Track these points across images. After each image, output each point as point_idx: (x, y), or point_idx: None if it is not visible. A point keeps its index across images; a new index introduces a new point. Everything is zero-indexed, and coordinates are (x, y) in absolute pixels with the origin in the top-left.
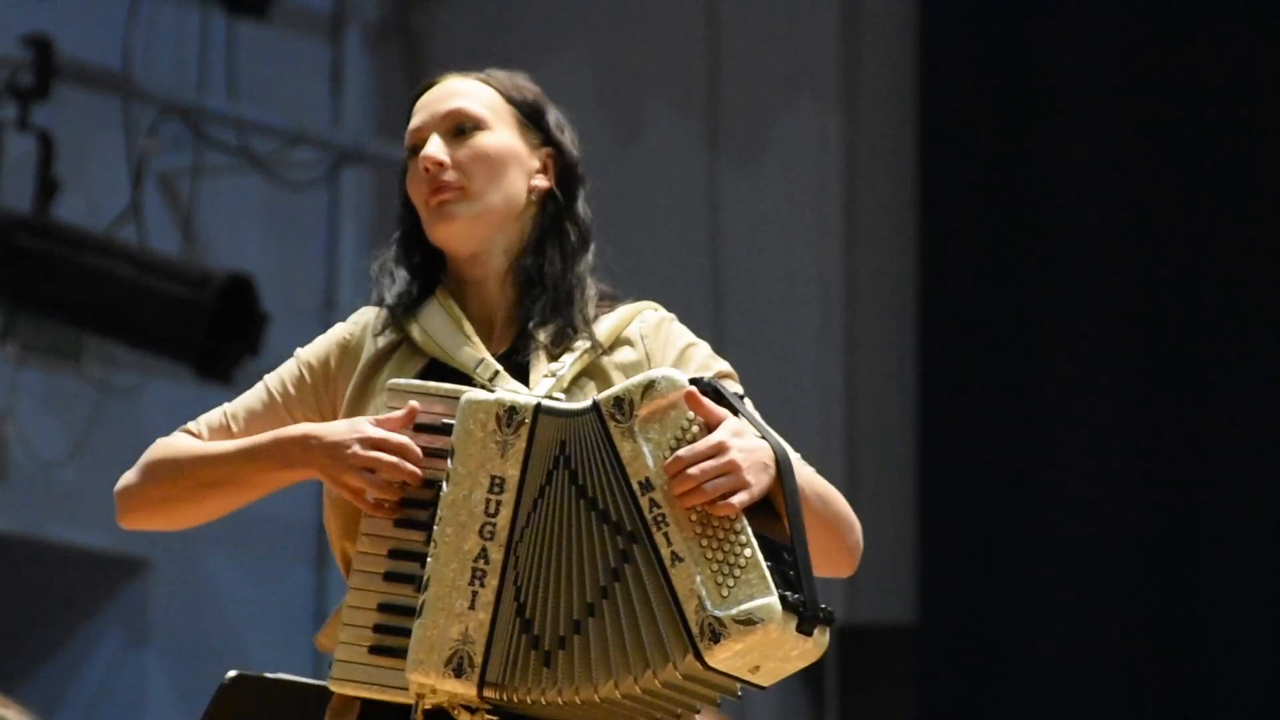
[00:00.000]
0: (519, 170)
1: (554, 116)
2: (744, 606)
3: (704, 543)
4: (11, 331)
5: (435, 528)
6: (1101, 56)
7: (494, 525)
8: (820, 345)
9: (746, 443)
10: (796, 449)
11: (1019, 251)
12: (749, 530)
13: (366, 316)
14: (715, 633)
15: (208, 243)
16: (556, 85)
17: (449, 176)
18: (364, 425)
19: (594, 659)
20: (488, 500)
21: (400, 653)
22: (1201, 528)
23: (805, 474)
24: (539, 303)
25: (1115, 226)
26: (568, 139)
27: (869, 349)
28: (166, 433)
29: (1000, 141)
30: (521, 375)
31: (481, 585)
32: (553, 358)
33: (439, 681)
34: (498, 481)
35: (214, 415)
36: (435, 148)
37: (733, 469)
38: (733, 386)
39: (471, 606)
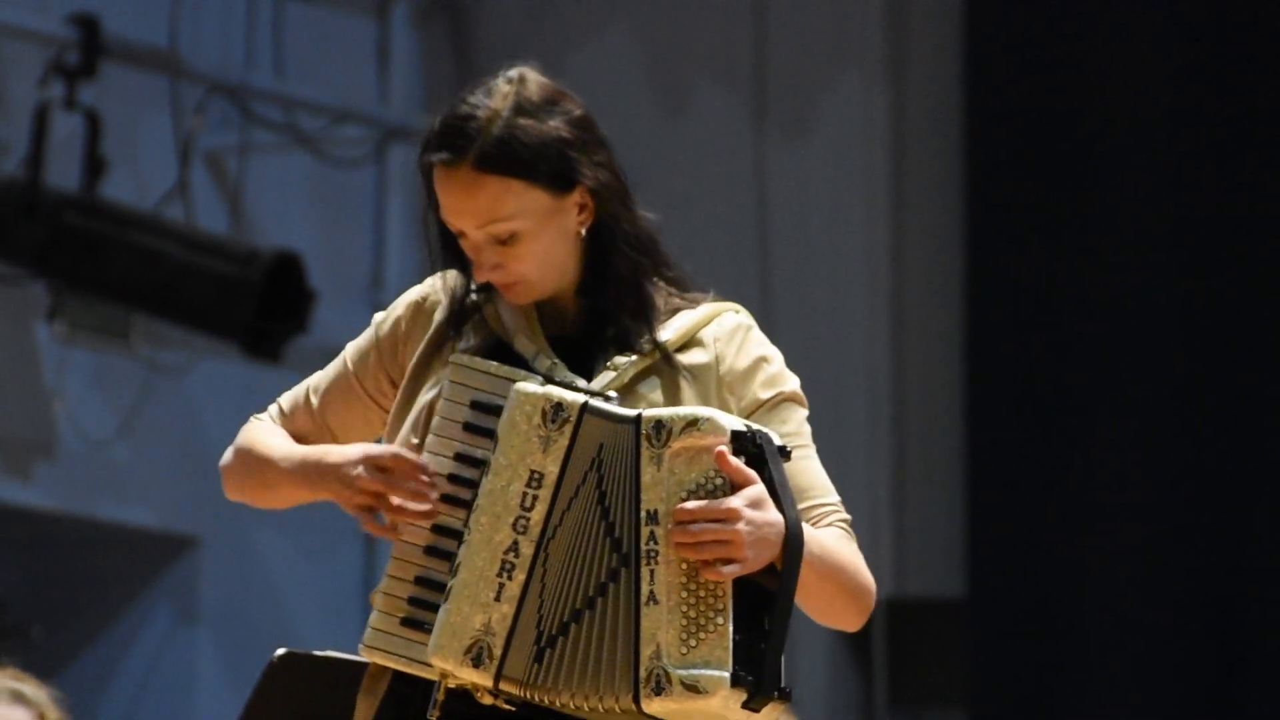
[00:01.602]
0: (564, 236)
1: (578, 151)
2: (695, 671)
3: (684, 594)
4: (60, 311)
5: (471, 515)
6: (1151, 30)
7: (528, 520)
8: (868, 320)
9: (760, 515)
10: (844, 427)
11: (1067, 226)
12: (730, 599)
13: (445, 279)
14: (659, 685)
15: (255, 221)
16: (603, 61)
17: (508, 279)
18: (373, 448)
19: (564, 667)
20: (524, 494)
21: (429, 628)
22: (1255, 499)
23: (826, 542)
24: (606, 309)
25: (1167, 201)
26: (595, 166)
27: (916, 323)
28: (215, 411)
29: (1048, 115)
30: (584, 367)
31: (509, 578)
32: (619, 352)
33: (457, 669)
34: (536, 476)
35: (299, 390)
36: (487, 270)
37: (734, 539)
38: (796, 414)
39: (497, 598)
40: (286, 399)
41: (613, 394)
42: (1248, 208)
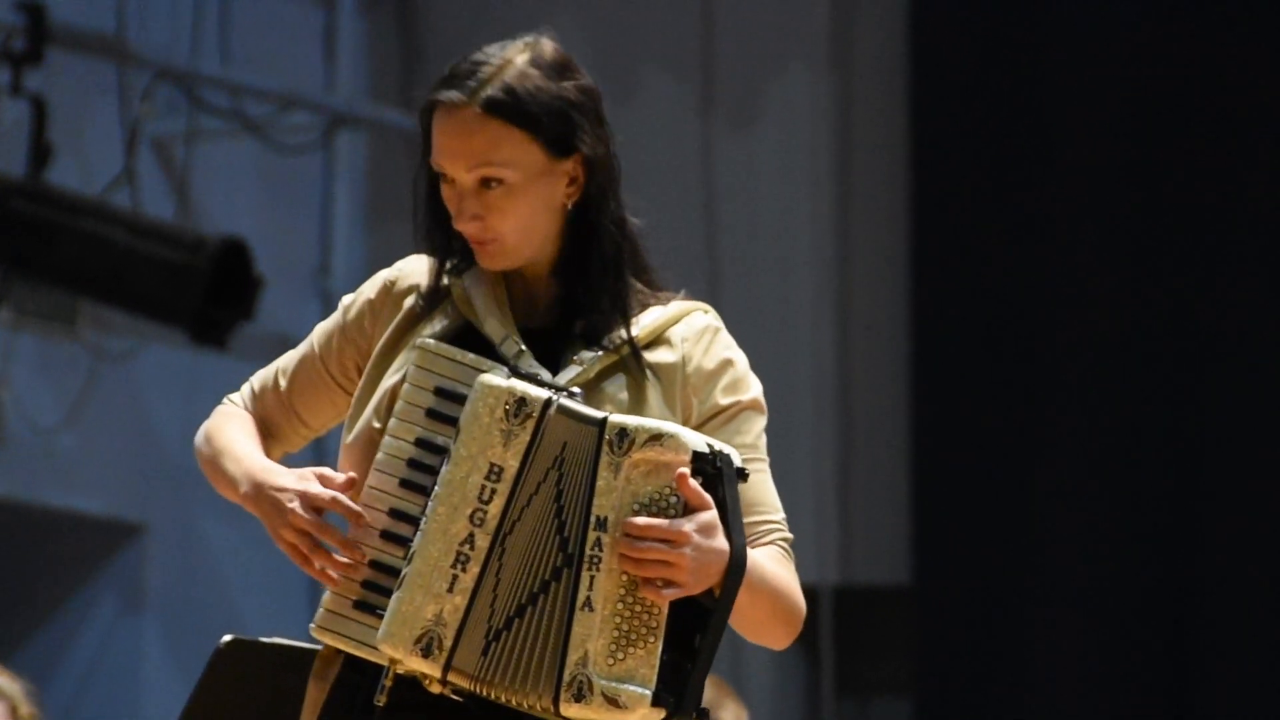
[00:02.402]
0: (550, 203)
1: (583, 117)
2: (618, 685)
3: (620, 606)
4: (6, 297)
5: (429, 504)
6: (1100, 15)
7: (485, 513)
8: (814, 308)
9: (707, 543)
10: (790, 414)
11: (1013, 212)
12: (665, 618)
13: (416, 264)
14: (580, 692)
15: (202, 207)
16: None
17: (485, 235)
18: (312, 484)
19: (504, 662)
20: (483, 487)
21: (381, 612)
22: (1204, 483)
23: (764, 566)
24: (581, 296)
25: (1113, 184)
26: (595, 138)
27: (863, 311)
28: (162, 398)
29: (994, 103)
30: (551, 359)
31: (463, 570)
32: (586, 346)
33: (406, 658)
34: (496, 470)
35: (269, 372)
36: (467, 218)
37: (678, 563)
38: (755, 424)
39: (450, 589)
40: (257, 379)
41: (576, 390)
42: (1204, 179)
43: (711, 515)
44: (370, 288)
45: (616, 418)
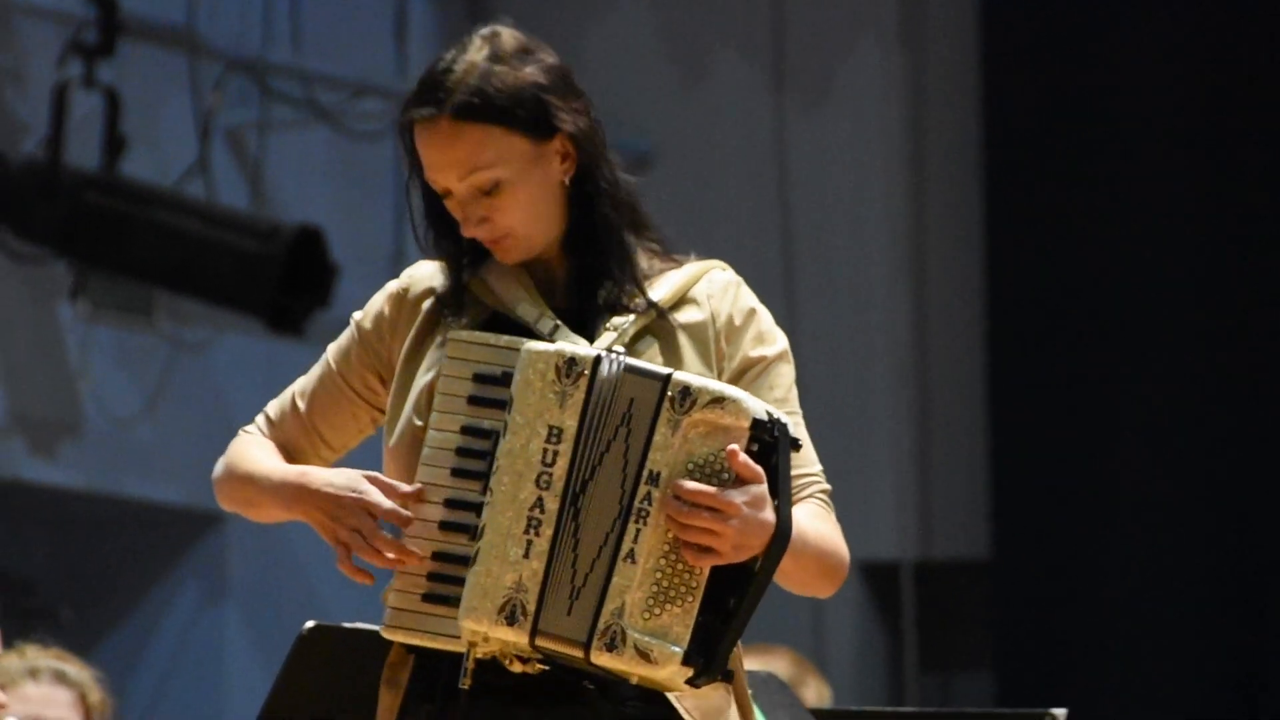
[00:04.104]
0: (549, 185)
1: (555, 96)
2: (651, 640)
3: (663, 561)
4: (83, 289)
5: (492, 476)
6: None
7: (550, 475)
8: (889, 284)
9: (754, 516)
10: (868, 392)
11: (1086, 187)
12: (705, 582)
13: (426, 269)
14: (614, 642)
15: (276, 196)
16: (622, 32)
17: (496, 234)
18: (361, 483)
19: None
20: (545, 450)
21: (453, 601)
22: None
23: (805, 525)
24: (594, 269)
25: (1184, 162)
26: (572, 112)
27: (938, 288)
28: (239, 387)
29: (1066, 79)
30: (582, 333)
31: (536, 534)
32: (614, 315)
33: (491, 629)
34: (555, 431)
35: (286, 397)
36: (474, 225)
37: (721, 533)
38: (786, 375)
39: (526, 555)
40: (273, 407)
41: (620, 349)
42: (1271, 184)
43: (762, 489)
44: (383, 300)
45: (681, 375)
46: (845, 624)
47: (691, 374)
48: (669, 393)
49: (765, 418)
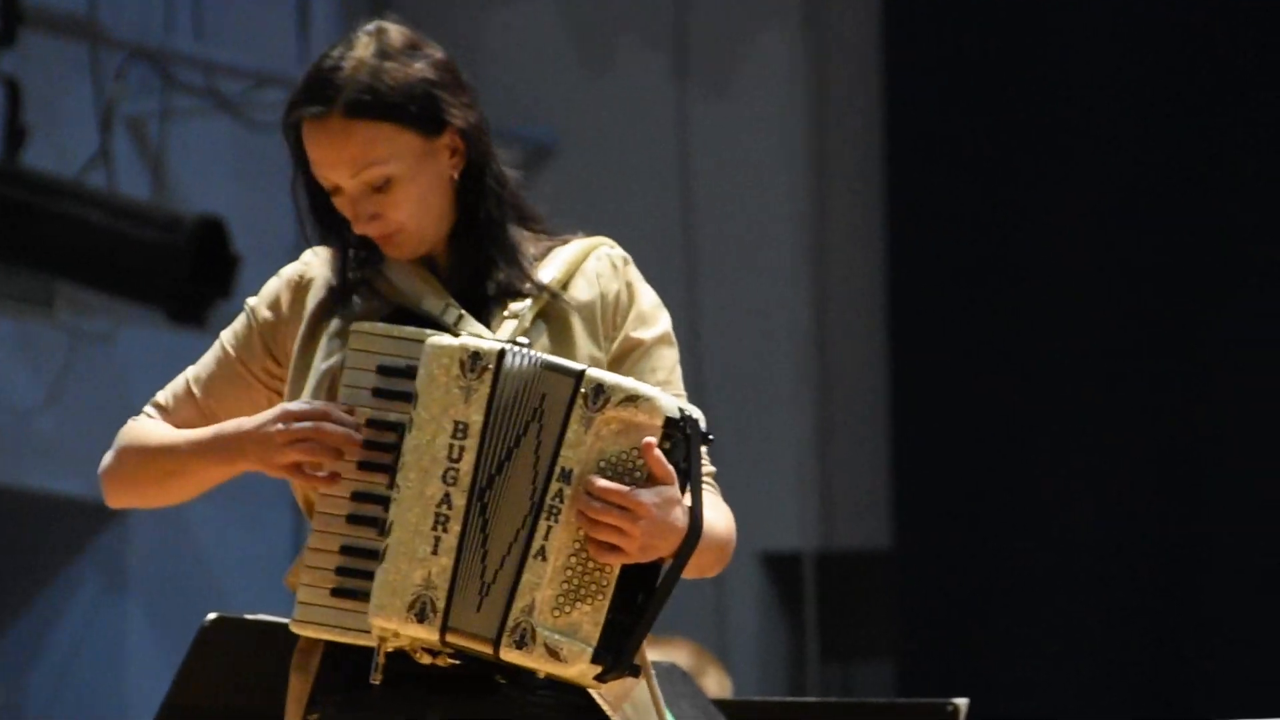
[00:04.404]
0: (438, 181)
1: (445, 91)
2: (561, 637)
3: (573, 560)
4: None
5: (399, 473)
6: None
7: (457, 471)
8: (792, 272)
9: (663, 517)
10: (769, 381)
11: (988, 174)
12: (615, 580)
13: (320, 256)
14: (522, 640)
15: (178, 186)
16: (525, 21)
17: (387, 229)
18: (285, 405)
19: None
20: (450, 445)
21: (362, 595)
22: (1194, 441)
23: (714, 518)
24: (481, 260)
25: (1091, 145)
26: (463, 107)
27: (840, 275)
28: (141, 378)
29: (969, 65)
30: (479, 321)
31: (444, 530)
32: (507, 301)
33: (401, 626)
34: (461, 427)
35: (179, 383)
36: (365, 221)
37: (629, 532)
38: (669, 357)
39: (434, 552)
40: (163, 396)
41: (524, 340)
42: (1179, 150)
43: (672, 490)
44: (279, 286)
45: (595, 372)
46: (746, 614)
47: (603, 370)
48: (582, 389)
49: (678, 415)
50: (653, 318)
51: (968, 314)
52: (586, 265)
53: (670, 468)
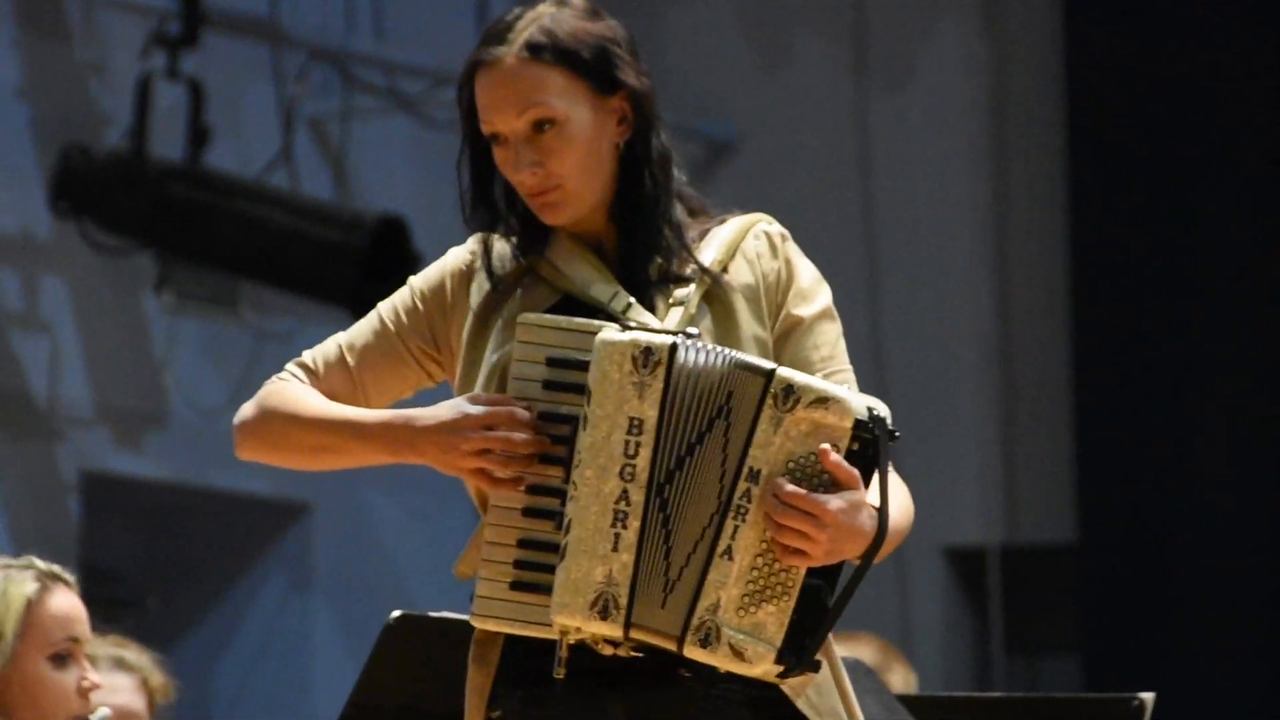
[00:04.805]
0: (604, 141)
1: (620, 51)
2: (746, 638)
3: (760, 560)
4: (167, 281)
5: (574, 471)
6: None
7: (634, 467)
8: (973, 267)
9: (849, 522)
10: (951, 376)
11: (1170, 169)
12: (801, 581)
13: (485, 245)
14: (706, 639)
15: (359, 185)
16: (703, 17)
17: (547, 182)
18: (466, 406)
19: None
20: (626, 442)
21: (541, 588)
22: None
23: (898, 504)
24: (642, 238)
25: (1273, 139)
26: (636, 72)
27: (1021, 270)
28: None
29: (1150, 57)
30: (643, 304)
31: (624, 527)
32: (672, 287)
33: (585, 623)
34: (636, 423)
35: (330, 348)
36: (525, 167)
37: (815, 539)
38: (831, 332)
39: (615, 548)
40: (310, 357)
41: (694, 330)
42: None
43: (858, 495)
44: (446, 272)
45: (785, 372)
46: (931, 609)
47: (794, 370)
48: (772, 389)
49: (866, 416)
50: (813, 293)
51: (1151, 308)
52: (745, 245)
53: (852, 470)
